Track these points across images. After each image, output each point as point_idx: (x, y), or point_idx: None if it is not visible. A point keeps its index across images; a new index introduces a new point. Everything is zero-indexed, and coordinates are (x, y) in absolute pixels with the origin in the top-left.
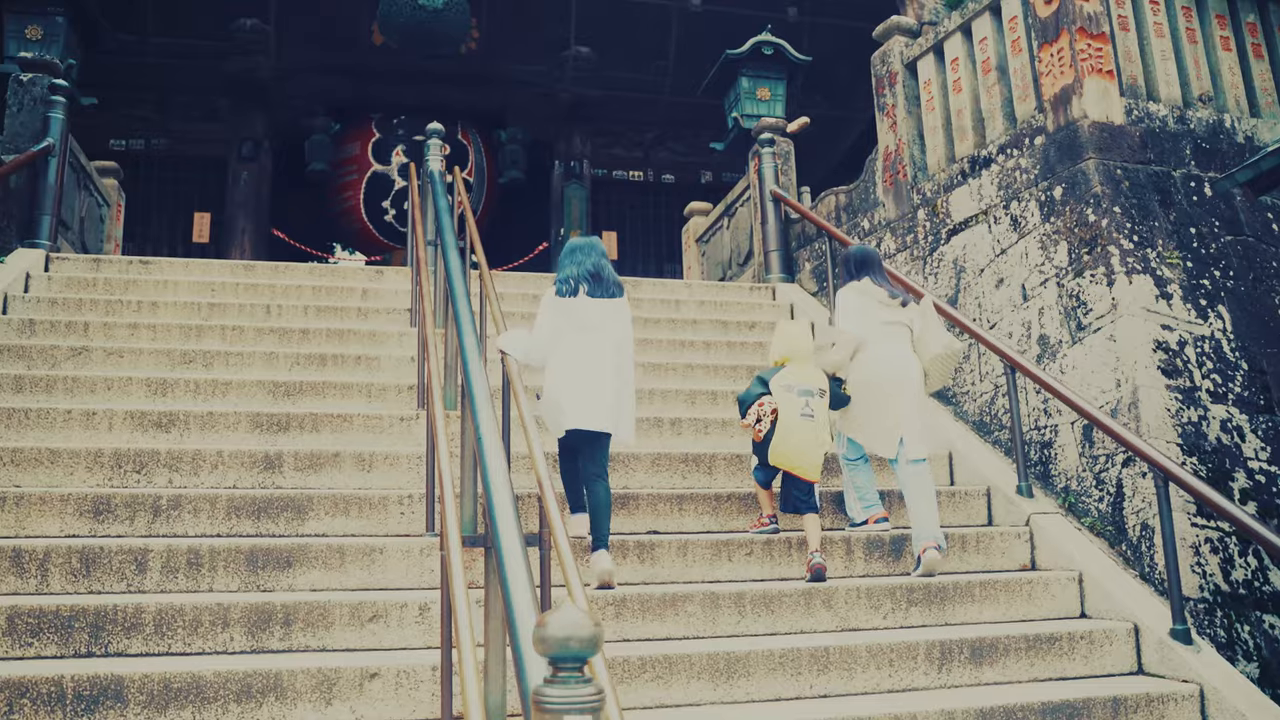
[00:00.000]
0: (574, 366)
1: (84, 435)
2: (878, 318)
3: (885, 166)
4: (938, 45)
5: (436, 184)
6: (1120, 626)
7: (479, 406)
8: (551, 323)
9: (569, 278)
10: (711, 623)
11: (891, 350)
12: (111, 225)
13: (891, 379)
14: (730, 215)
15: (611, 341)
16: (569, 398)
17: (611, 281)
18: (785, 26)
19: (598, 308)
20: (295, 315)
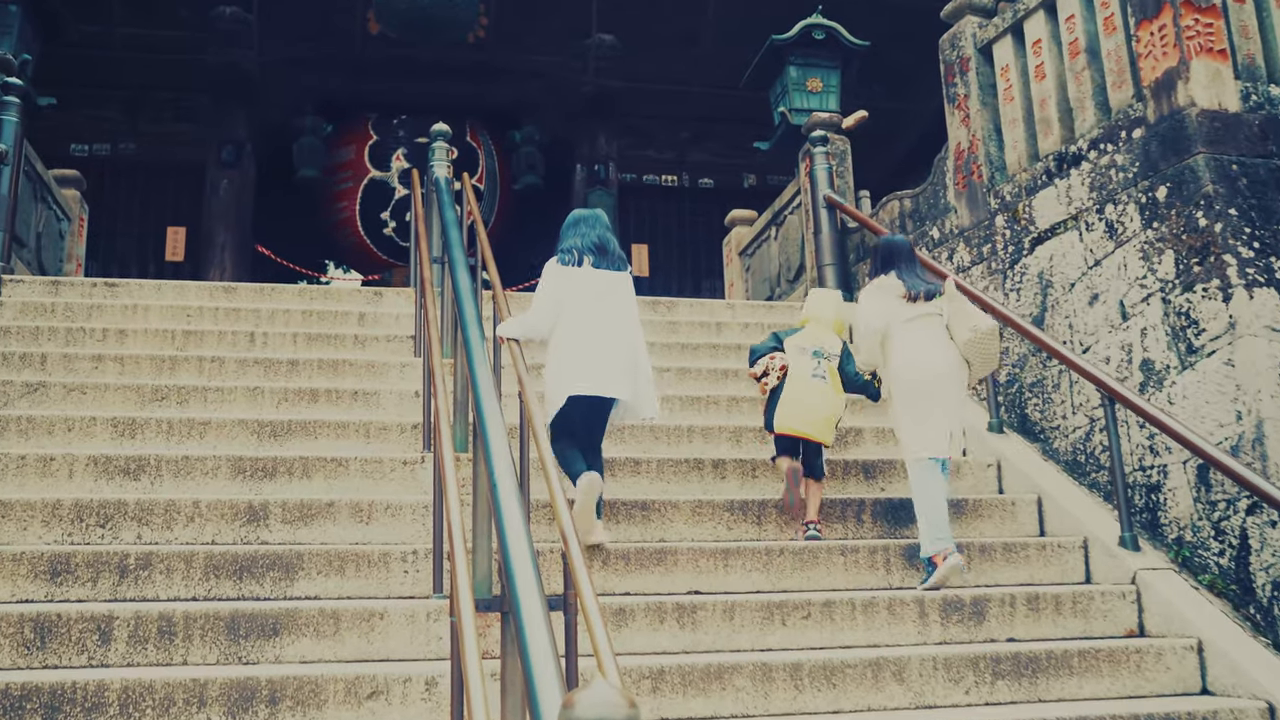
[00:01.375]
0: (582, 334)
1: (40, 484)
2: (902, 315)
3: (957, 166)
4: (1016, 25)
5: (443, 193)
6: (1252, 706)
7: (494, 448)
8: (554, 292)
9: (572, 248)
10: (764, 698)
11: (922, 345)
12: (73, 242)
13: (926, 374)
14: (778, 224)
15: (616, 311)
16: (577, 364)
17: (616, 255)
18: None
19: (604, 279)
20: (283, 344)
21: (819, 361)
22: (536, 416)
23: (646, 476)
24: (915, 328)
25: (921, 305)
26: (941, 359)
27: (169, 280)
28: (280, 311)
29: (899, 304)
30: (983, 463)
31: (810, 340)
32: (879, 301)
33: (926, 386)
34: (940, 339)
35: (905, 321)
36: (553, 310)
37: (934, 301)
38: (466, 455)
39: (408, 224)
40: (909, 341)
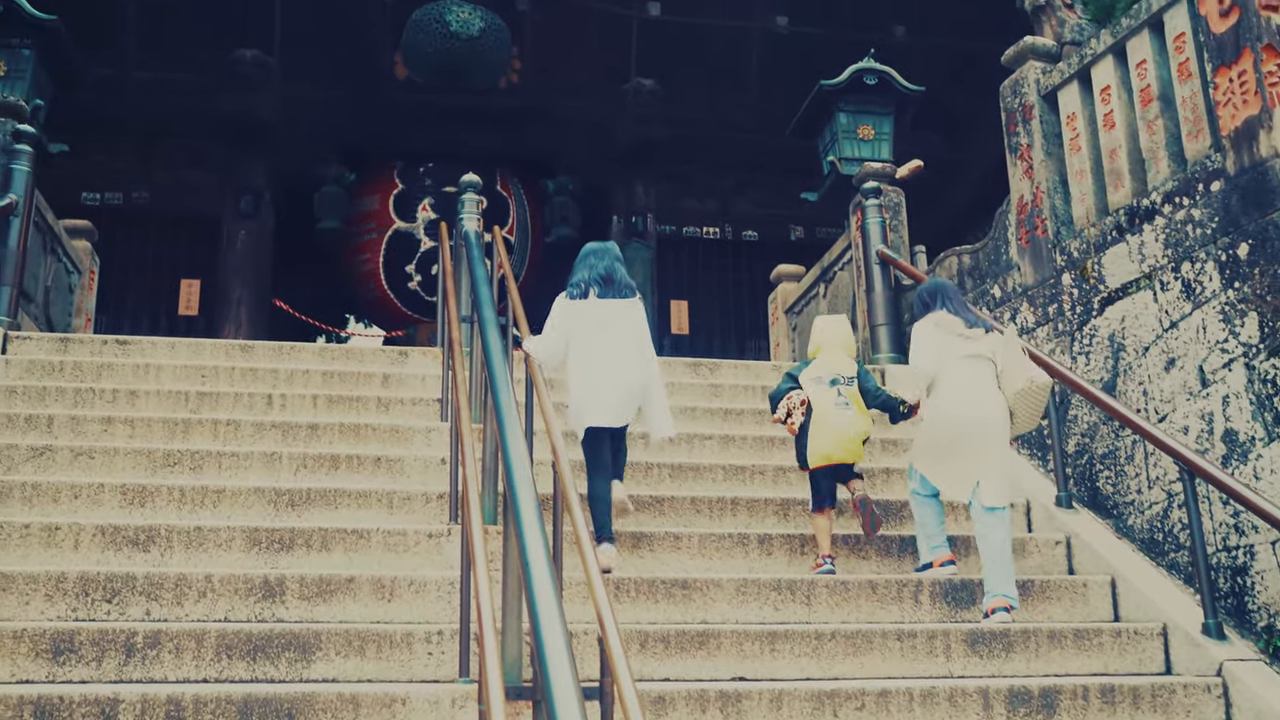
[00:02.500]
0: (589, 365)
1: (44, 555)
2: (956, 351)
3: (1020, 221)
4: (1083, 71)
5: (472, 247)
6: None
7: (525, 521)
8: (562, 325)
9: (580, 281)
10: None
11: (971, 388)
12: (83, 296)
13: (969, 418)
14: (827, 281)
15: (627, 339)
16: (587, 395)
17: (623, 284)
18: (890, 49)
19: (610, 308)
20: (302, 407)
21: (838, 390)
22: (571, 490)
23: (688, 552)
24: (966, 368)
25: (976, 343)
26: (987, 407)
27: (182, 338)
28: (300, 372)
29: (954, 340)
30: (1050, 540)
31: (825, 369)
32: (934, 339)
33: (965, 430)
34: (988, 386)
35: (958, 359)
36: (559, 343)
37: (987, 341)
38: (496, 528)
39: (434, 277)
40: (958, 382)
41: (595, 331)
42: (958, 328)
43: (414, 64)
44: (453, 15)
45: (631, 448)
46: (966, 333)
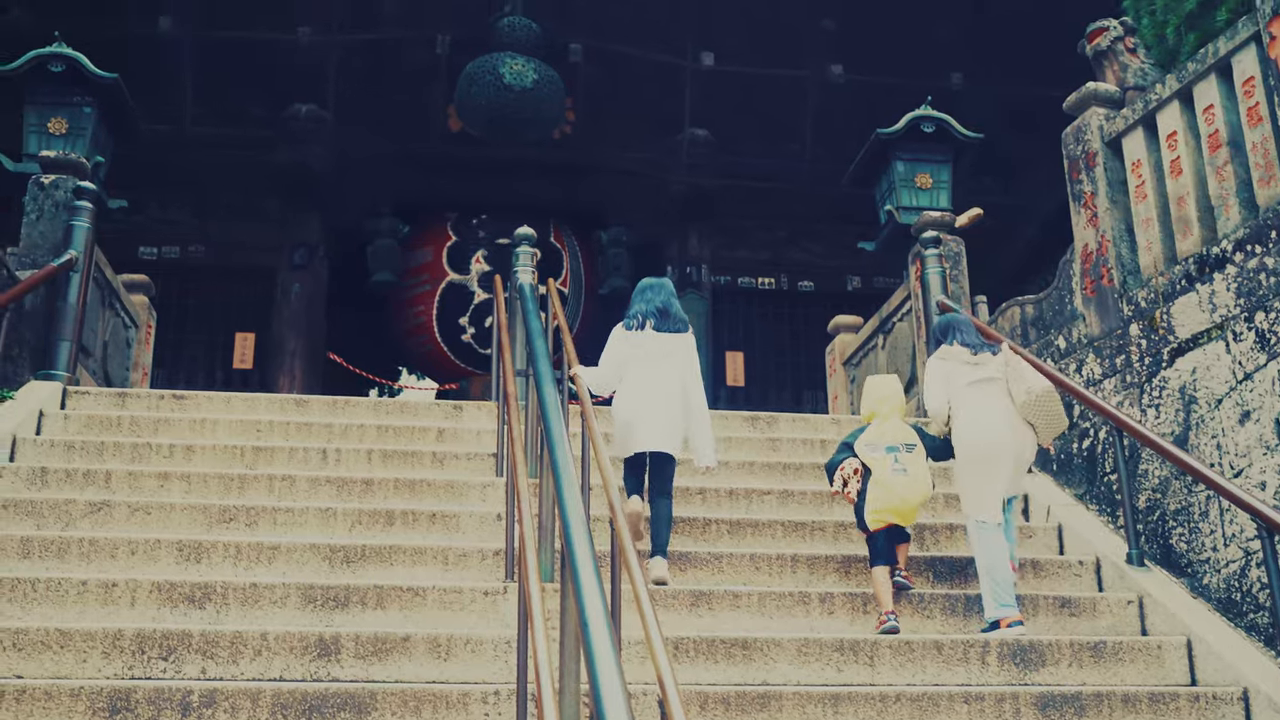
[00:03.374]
0: (640, 393)
1: (101, 612)
2: (964, 379)
3: (1084, 270)
4: (1148, 117)
5: (528, 300)
6: None
7: (583, 579)
8: (616, 354)
9: (637, 313)
10: None
11: (984, 413)
12: (140, 350)
13: (981, 441)
14: (886, 332)
15: (677, 371)
16: (634, 421)
17: (677, 318)
18: (946, 96)
19: (663, 341)
20: (357, 462)
21: (894, 456)
22: (629, 548)
23: (747, 611)
24: (976, 392)
25: (983, 367)
26: (1002, 423)
27: (238, 392)
28: (354, 427)
29: (961, 369)
30: (1122, 599)
31: (880, 437)
32: (942, 376)
33: (987, 450)
34: (1001, 403)
35: (967, 385)
36: (615, 371)
37: (995, 363)
38: (553, 585)
39: (487, 330)
40: (971, 406)
41: (648, 362)
42: (964, 356)
43: (468, 117)
44: (506, 68)
45: (688, 502)
46: (973, 359)
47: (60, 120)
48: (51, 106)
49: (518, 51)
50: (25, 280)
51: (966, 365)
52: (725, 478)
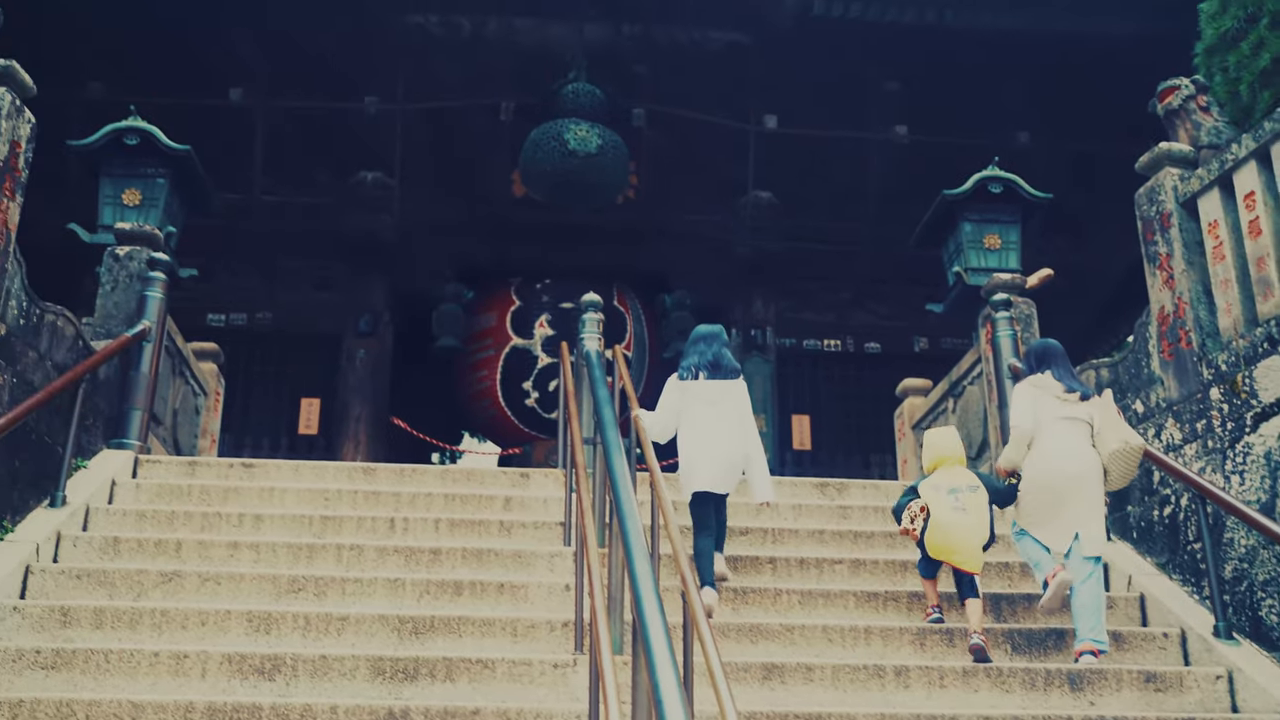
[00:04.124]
0: (698, 438)
1: (173, 684)
2: (1054, 413)
3: (1161, 333)
4: (1224, 177)
5: (594, 368)
6: None
7: (656, 652)
8: (673, 404)
9: (691, 365)
10: None
11: (1067, 445)
12: (208, 417)
13: (1066, 474)
14: (956, 396)
15: (731, 414)
16: (694, 464)
17: (728, 368)
18: (1013, 155)
19: (716, 388)
20: (424, 531)
21: (956, 497)
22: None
23: (821, 684)
24: (1063, 428)
25: (1074, 406)
26: (1083, 463)
27: (306, 462)
28: (421, 495)
29: (1053, 402)
30: (1210, 674)
31: (945, 480)
32: (1032, 400)
33: (1064, 485)
34: (1084, 444)
35: (1055, 420)
36: (671, 420)
37: (1086, 406)
38: (623, 658)
39: (551, 394)
40: (1054, 438)
41: (703, 408)
42: (1057, 390)
43: (532, 182)
44: (571, 133)
45: (758, 572)
46: (1065, 396)
47: (134, 191)
48: (126, 178)
49: (582, 117)
50: (100, 351)
51: (1057, 400)
52: (795, 546)
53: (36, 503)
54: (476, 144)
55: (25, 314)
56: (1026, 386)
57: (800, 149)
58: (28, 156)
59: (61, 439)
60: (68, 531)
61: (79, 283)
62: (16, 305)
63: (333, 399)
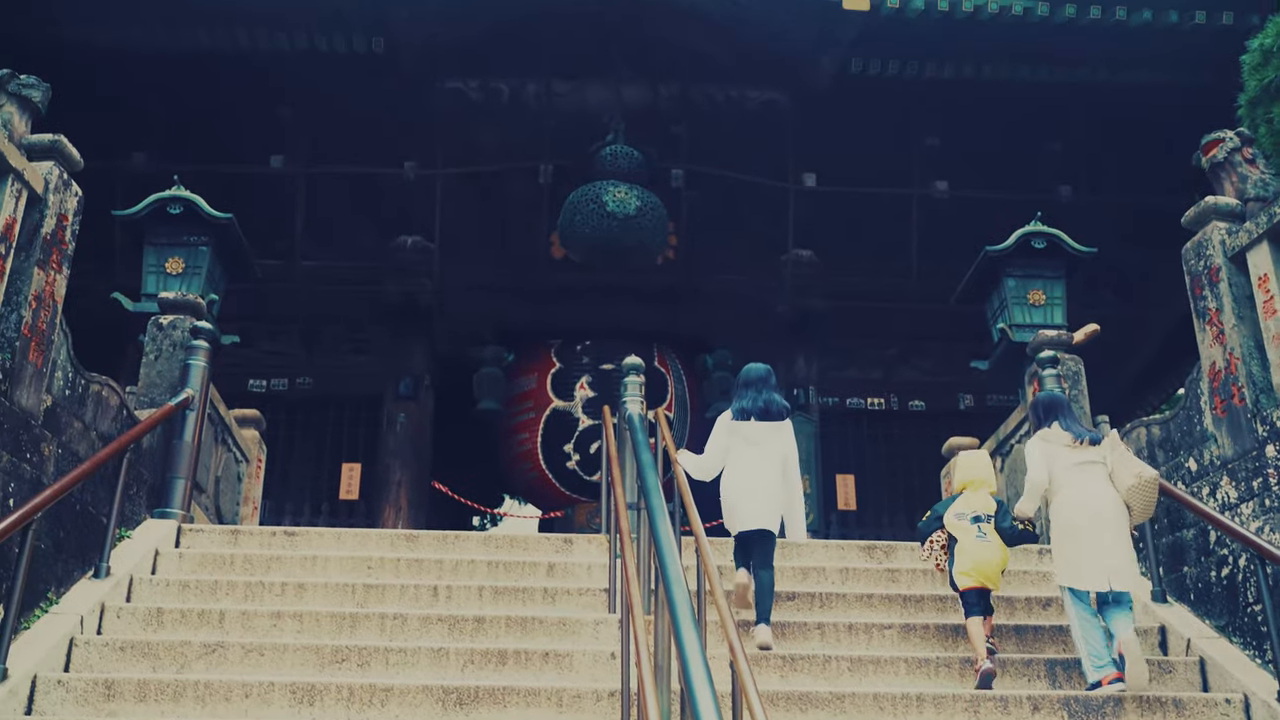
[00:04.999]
0: (743, 477)
1: None
2: (1067, 461)
3: (1213, 389)
4: (1273, 230)
5: (637, 432)
6: None
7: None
8: (724, 441)
9: (743, 409)
10: None
11: (1085, 489)
12: (250, 484)
13: (1087, 514)
14: (1004, 454)
15: (775, 455)
16: (736, 502)
17: (776, 411)
18: (1055, 209)
19: (764, 429)
20: (468, 599)
21: (978, 526)
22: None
23: None
24: (1078, 473)
25: (1085, 452)
26: (1102, 502)
27: (348, 529)
28: (465, 562)
29: (1064, 451)
30: None
31: (967, 507)
32: (1044, 453)
33: (1086, 526)
34: (1101, 485)
35: (1069, 467)
36: (720, 457)
37: (1096, 449)
38: None
39: (592, 456)
40: (1072, 485)
41: (748, 448)
42: (1065, 439)
43: (571, 244)
44: (609, 195)
45: (805, 638)
46: (1074, 444)
47: (177, 260)
48: (169, 247)
49: (620, 179)
50: (144, 421)
51: (1068, 449)
52: (843, 611)
53: (81, 573)
54: (515, 207)
55: (71, 385)
56: (1037, 441)
57: (840, 206)
58: (74, 229)
59: (105, 509)
60: (111, 603)
61: (123, 350)
62: (63, 376)
63: (374, 463)
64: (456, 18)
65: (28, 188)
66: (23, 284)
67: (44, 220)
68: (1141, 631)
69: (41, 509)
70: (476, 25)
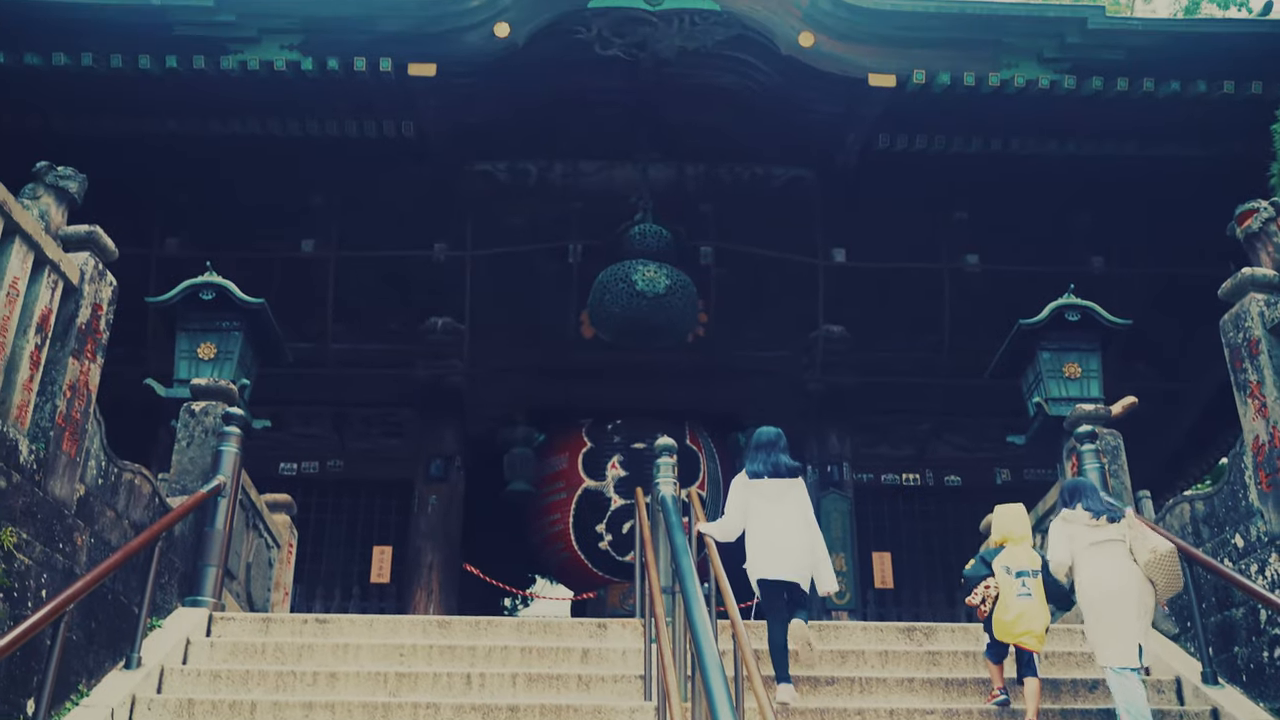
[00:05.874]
0: (763, 531)
1: None
2: (1086, 540)
3: (1258, 463)
4: None
5: (670, 514)
6: None
7: None
8: (740, 502)
9: (757, 470)
10: None
11: (1103, 566)
12: (281, 570)
13: (1105, 592)
14: (1043, 531)
15: (792, 509)
16: (760, 555)
17: (787, 470)
18: (1088, 281)
19: (777, 485)
20: (501, 686)
21: (1022, 582)
22: None
23: None
24: (1098, 552)
25: (1105, 529)
26: (1124, 578)
27: (380, 616)
28: (498, 648)
29: (1084, 530)
30: None
31: (1012, 561)
32: (1065, 534)
33: (1106, 602)
34: (1123, 561)
35: (1089, 546)
36: (740, 518)
37: (1117, 527)
38: None
39: (624, 536)
40: (1093, 564)
41: (766, 504)
42: (1085, 519)
43: (601, 324)
44: (639, 274)
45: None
46: (1094, 522)
47: (209, 345)
48: (201, 332)
49: (649, 258)
50: (176, 509)
51: (1088, 528)
52: (884, 696)
53: (112, 664)
54: (544, 287)
55: (104, 473)
56: (1059, 523)
57: (870, 281)
58: (109, 318)
59: (137, 598)
60: (142, 694)
61: (155, 434)
62: (95, 465)
63: (405, 546)
64: (484, 104)
65: (64, 279)
66: (58, 374)
67: (79, 310)
68: (1192, 715)
69: (74, 600)
70: (504, 110)
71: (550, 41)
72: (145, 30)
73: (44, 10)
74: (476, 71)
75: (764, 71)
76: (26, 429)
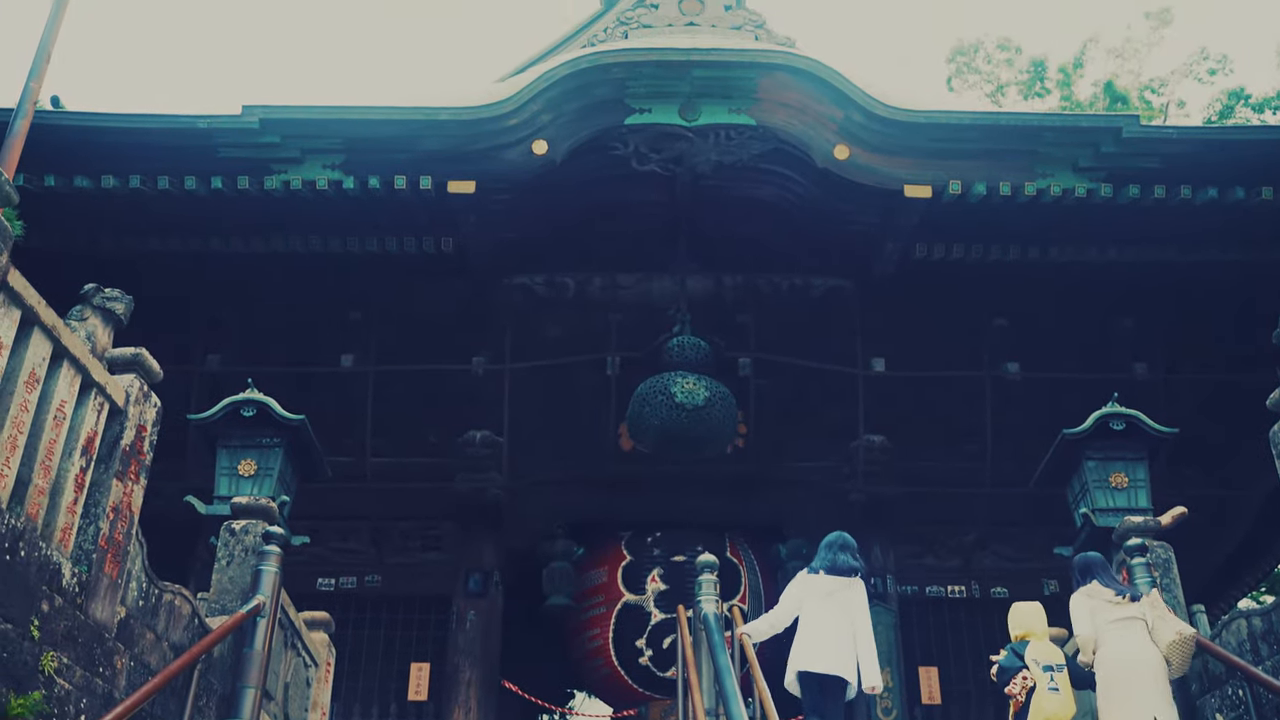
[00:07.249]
0: (814, 625)
1: None
2: (1109, 616)
3: None
4: None
5: (713, 633)
6: None
7: None
8: (797, 594)
9: (819, 567)
10: None
11: (1124, 644)
12: (319, 689)
13: (1126, 668)
14: None
15: (844, 606)
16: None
17: (845, 568)
18: (1132, 387)
19: (834, 581)
20: None
21: (1051, 675)
22: None
23: None
24: (1120, 629)
25: (1127, 607)
26: (1144, 656)
27: None
28: None
29: (1106, 607)
30: None
31: (1042, 656)
32: (1088, 609)
33: (1126, 679)
34: (1142, 639)
35: (1111, 623)
36: (792, 609)
37: (1137, 606)
38: None
39: (665, 651)
40: (1114, 640)
41: (819, 599)
42: (1107, 595)
43: (640, 436)
44: (678, 387)
45: None
46: (1116, 599)
47: (250, 462)
48: (242, 449)
49: (688, 369)
50: (215, 631)
51: (1109, 604)
52: None
53: None
54: (583, 399)
55: (144, 595)
56: (1082, 597)
57: (910, 390)
58: (153, 439)
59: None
60: None
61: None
62: (136, 587)
63: (443, 662)
64: (523, 219)
65: (109, 401)
66: (101, 496)
67: (124, 432)
68: None
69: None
70: (542, 225)
71: (588, 157)
72: (191, 152)
73: (94, 134)
74: (515, 188)
75: (800, 184)
76: (70, 552)
